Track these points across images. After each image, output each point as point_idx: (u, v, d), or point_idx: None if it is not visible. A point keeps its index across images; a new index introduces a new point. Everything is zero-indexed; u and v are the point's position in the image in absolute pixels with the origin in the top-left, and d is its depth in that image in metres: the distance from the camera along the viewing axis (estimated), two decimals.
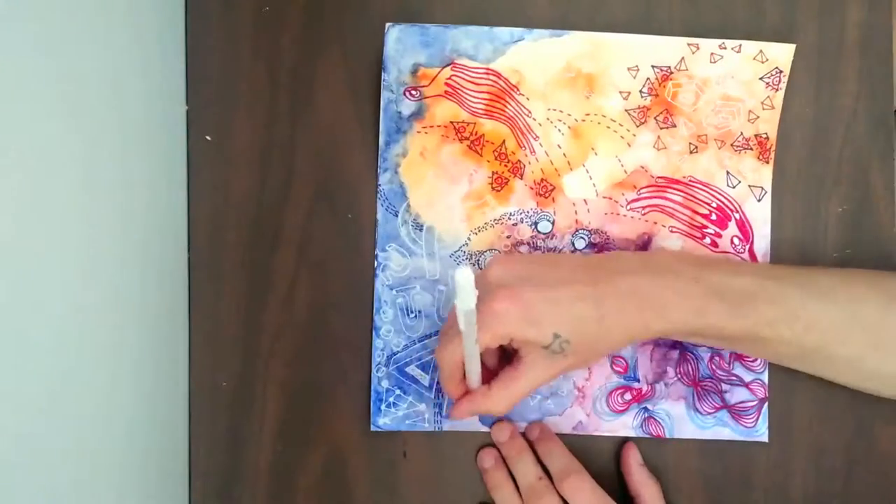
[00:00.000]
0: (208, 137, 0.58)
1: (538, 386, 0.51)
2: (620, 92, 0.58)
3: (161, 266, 0.55)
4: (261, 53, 0.58)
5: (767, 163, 0.58)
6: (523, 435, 0.58)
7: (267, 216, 0.58)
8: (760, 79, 0.58)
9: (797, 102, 0.58)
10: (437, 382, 0.57)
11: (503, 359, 0.54)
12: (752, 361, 0.58)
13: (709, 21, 0.59)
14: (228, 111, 0.58)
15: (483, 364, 0.52)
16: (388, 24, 0.58)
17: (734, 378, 0.57)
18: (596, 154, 0.58)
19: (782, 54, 0.57)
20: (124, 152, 0.50)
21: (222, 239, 0.58)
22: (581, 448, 0.57)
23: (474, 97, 0.58)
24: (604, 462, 0.58)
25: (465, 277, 0.40)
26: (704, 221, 0.58)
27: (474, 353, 0.48)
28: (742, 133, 0.58)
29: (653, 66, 0.58)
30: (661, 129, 0.58)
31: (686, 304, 0.49)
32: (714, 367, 0.58)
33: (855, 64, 0.58)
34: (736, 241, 0.58)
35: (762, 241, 0.58)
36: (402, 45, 0.58)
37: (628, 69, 0.58)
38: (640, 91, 0.58)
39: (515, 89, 0.58)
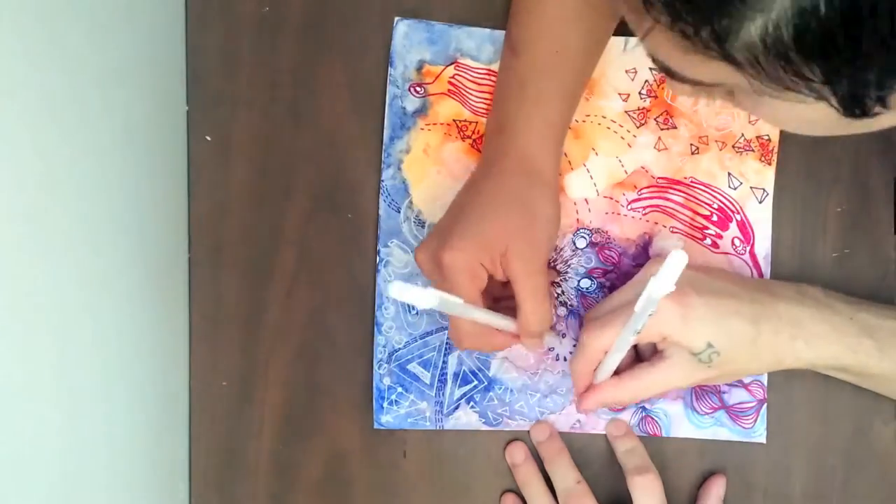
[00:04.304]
0: (208, 137, 0.58)
1: (671, 389, 0.51)
2: (620, 94, 0.58)
3: (161, 266, 0.55)
4: (261, 53, 0.58)
5: (769, 164, 0.58)
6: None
7: (267, 216, 0.58)
8: None
9: None
10: (451, 378, 0.57)
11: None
12: None
13: None
14: (228, 111, 0.58)
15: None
16: (396, 18, 0.57)
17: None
18: (596, 154, 0.58)
19: None
20: (125, 152, 0.50)
21: (222, 239, 0.58)
22: (579, 447, 0.57)
23: (477, 96, 0.58)
24: (602, 461, 0.58)
25: (679, 262, 0.37)
26: (705, 222, 0.58)
27: (628, 344, 0.48)
28: (743, 135, 0.58)
29: (650, 69, 0.57)
30: (662, 130, 0.58)
31: (841, 340, 0.50)
32: None
33: None
34: (737, 242, 0.58)
35: (763, 243, 0.58)
36: (409, 40, 0.58)
37: (626, 71, 0.58)
38: (640, 93, 0.58)
39: None
